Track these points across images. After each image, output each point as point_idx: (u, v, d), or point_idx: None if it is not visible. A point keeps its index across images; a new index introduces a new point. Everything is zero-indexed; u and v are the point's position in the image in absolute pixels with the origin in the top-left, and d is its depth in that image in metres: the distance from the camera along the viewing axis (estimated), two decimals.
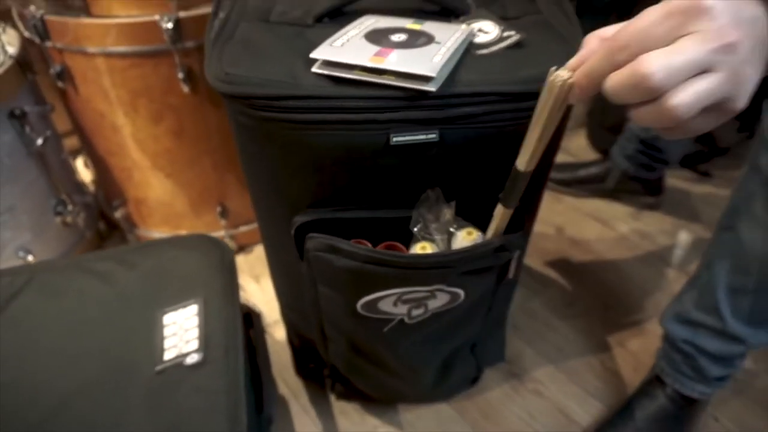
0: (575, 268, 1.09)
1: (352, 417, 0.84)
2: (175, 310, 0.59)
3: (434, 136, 0.50)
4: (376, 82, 0.48)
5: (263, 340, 0.72)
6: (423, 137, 0.50)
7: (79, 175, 1.11)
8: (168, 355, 0.54)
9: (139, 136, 0.91)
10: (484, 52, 0.52)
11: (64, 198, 0.98)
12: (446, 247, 0.56)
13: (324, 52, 0.49)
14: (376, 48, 0.50)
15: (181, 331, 0.57)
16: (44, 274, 0.63)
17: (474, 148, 0.52)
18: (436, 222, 0.55)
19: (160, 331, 0.57)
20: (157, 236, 1.07)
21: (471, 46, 0.53)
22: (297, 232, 0.56)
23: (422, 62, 0.47)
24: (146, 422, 0.49)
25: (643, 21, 0.32)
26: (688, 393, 0.76)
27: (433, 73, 0.46)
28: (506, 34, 0.53)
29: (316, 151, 0.51)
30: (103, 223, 1.13)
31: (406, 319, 0.60)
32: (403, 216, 0.55)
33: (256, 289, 1.05)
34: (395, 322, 0.60)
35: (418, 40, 0.51)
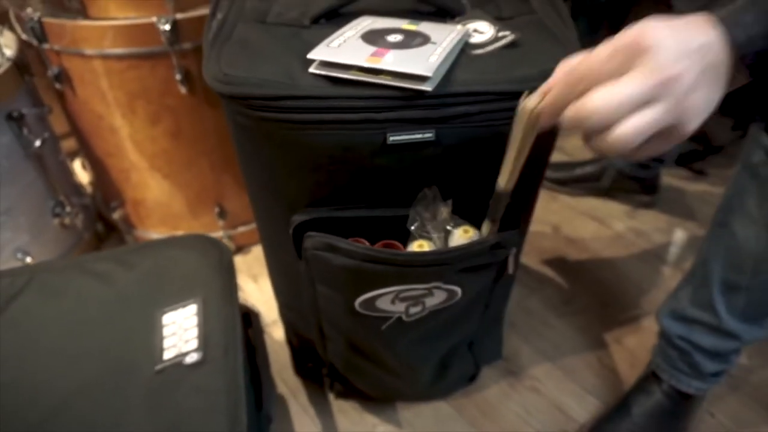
0: (572, 266, 1.10)
1: (351, 416, 0.84)
2: (175, 309, 0.59)
3: (431, 135, 0.51)
4: (372, 82, 0.48)
5: (262, 340, 0.72)
6: (420, 136, 0.50)
7: (77, 177, 1.11)
8: (167, 354, 0.55)
9: (136, 137, 0.91)
10: (479, 52, 0.53)
11: (62, 199, 0.98)
12: (443, 245, 0.56)
13: (321, 53, 0.49)
14: (372, 48, 0.50)
15: (181, 330, 0.57)
16: (44, 275, 0.63)
17: (470, 146, 0.53)
18: (432, 220, 0.55)
19: (160, 331, 0.57)
20: (155, 237, 1.07)
21: (466, 46, 0.53)
22: (295, 232, 0.56)
23: (418, 62, 0.48)
24: (146, 422, 0.49)
25: (595, 57, 0.36)
26: (683, 389, 0.77)
27: (430, 73, 0.47)
28: (501, 34, 0.54)
29: (313, 151, 0.52)
30: (101, 225, 1.13)
31: (403, 316, 0.61)
32: (401, 215, 0.55)
33: (254, 289, 1.05)
34: (393, 320, 0.61)
35: (414, 40, 0.52)
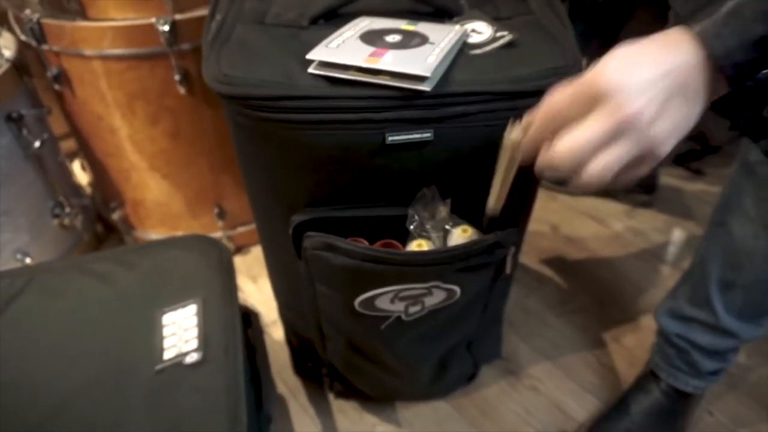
0: (570, 265, 1.10)
1: (350, 415, 0.84)
2: (175, 309, 0.59)
3: (429, 134, 0.51)
4: (371, 82, 0.48)
5: (262, 340, 0.72)
6: (418, 136, 0.51)
7: (76, 178, 1.11)
8: (167, 354, 0.55)
9: (136, 137, 0.91)
10: (477, 52, 0.53)
11: (62, 200, 0.98)
12: (442, 245, 0.56)
13: (320, 53, 0.50)
14: (371, 49, 0.50)
15: (181, 330, 0.57)
16: (44, 276, 0.63)
17: (468, 146, 0.53)
18: (431, 220, 0.55)
19: (160, 331, 0.57)
20: (155, 238, 1.07)
21: (464, 47, 0.53)
22: (295, 231, 0.57)
23: (417, 62, 0.48)
24: (146, 422, 0.49)
25: (557, 102, 0.38)
26: (682, 387, 0.77)
27: (428, 73, 0.47)
28: (499, 34, 0.54)
29: (313, 151, 0.52)
30: (100, 225, 1.13)
31: (403, 316, 0.61)
32: (400, 214, 0.56)
33: (254, 290, 1.05)
34: (392, 320, 0.61)
35: (413, 40, 0.52)
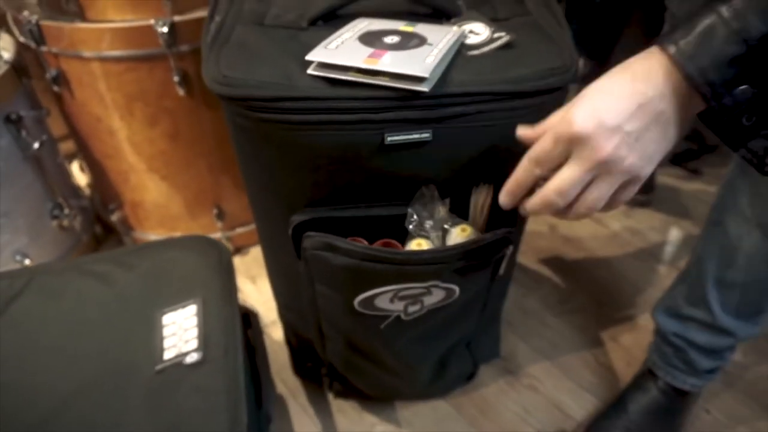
0: (569, 265, 1.11)
1: (350, 415, 0.84)
2: (174, 310, 0.59)
3: (428, 135, 0.51)
4: (370, 83, 0.49)
5: (261, 340, 0.72)
6: (417, 136, 0.51)
7: (75, 179, 1.11)
8: (167, 354, 0.55)
9: (134, 139, 0.91)
10: (475, 53, 0.53)
11: (61, 202, 0.98)
12: (441, 244, 0.57)
13: (319, 54, 0.50)
14: (370, 50, 0.51)
15: (181, 330, 0.57)
16: (43, 277, 0.63)
17: (467, 146, 0.53)
18: (430, 219, 0.56)
19: (160, 331, 0.57)
20: (154, 239, 1.07)
21: (462, 47, 0.54)
22: (294, 232, 0.57)
23: (415, 63, 0.48)
24: (146, 422, 0.50)
25: (540, 148, 0.41)
26: (679, 385, 0.78)
27: (426, 74, 0.47)
28: (496, 35, 0.55)
29: (312, 151, 0.52)
30: (99, 227, 1.13)
31: (402, 315, 0.61)
32: (399, 213, 0.56)
33: (253, 290, 1.05)
34: (392, 319, 0.61)
35: (411, 41, 0.52)
